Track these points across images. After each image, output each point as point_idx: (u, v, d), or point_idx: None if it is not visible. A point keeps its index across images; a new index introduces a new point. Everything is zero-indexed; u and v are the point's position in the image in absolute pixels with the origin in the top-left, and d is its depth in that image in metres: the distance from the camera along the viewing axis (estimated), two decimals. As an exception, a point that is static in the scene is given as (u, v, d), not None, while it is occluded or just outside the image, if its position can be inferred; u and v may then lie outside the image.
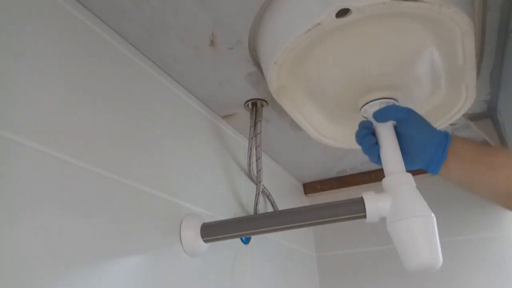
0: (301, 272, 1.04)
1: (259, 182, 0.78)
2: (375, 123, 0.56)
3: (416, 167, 0.56)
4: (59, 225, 0.39)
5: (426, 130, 0.54)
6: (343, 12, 0.42)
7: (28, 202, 0.36)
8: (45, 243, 0.37)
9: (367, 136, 0.57)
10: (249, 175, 0.84)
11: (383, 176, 0.53)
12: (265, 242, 0.84)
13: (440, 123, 0.67)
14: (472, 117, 0.86)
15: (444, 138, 0.54)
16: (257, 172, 0.78)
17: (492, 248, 0.96)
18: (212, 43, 0.56)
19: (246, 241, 0.76)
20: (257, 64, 0.61)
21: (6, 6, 0.39)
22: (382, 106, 0.56)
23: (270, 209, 0.91)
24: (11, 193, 0.35)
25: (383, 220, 0.51)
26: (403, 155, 0.55)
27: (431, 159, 0.54)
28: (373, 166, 1.13)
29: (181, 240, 0.57)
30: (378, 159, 0.58)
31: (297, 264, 1.02)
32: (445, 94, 0.60)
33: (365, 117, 0.58)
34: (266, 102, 0.73)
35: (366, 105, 0.58)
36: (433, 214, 0.48)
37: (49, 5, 0.44)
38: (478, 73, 0.64)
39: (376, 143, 0.57)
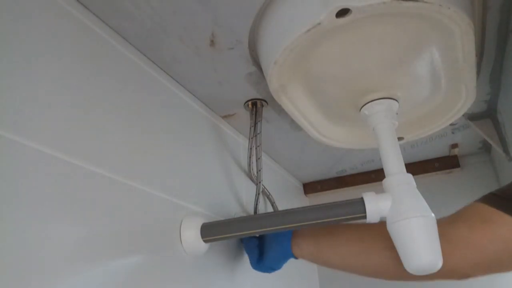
0: (301, 272, 1.04)
1: (259, 182, 0.78)
2: (374, 123, 0.56)
3: (276, 262, 0.67)
4: (59, 225, 0.39)
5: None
6: (343, 12, 0.42)
7: (28, 202, 0.36)
8: (45, 244, 0.37)
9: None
10: (249, 175, 0.84)
11: (383, 176, 0.52)
12: (265, 242, 0.84)
13: (440, 123, 0.67)
14: (472, 117, 0.86)
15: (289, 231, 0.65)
16: (257, 172, 0.78)
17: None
18: (212, 43, 0.56)
19: (246, 241, 0.76)
20: (257, 64, 0.61)
21: (6, 6, 0.39)
22: (382, 106, 0.56)
23: (270, 209, 0.91)
24: (11, 193, 0.35)
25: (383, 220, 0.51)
26: (265, 258, 0.66)
27: (282, 242, 0.64)
28: (373, 166, 1.13)
29: (181, 240, 0.57)
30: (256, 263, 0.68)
31: (297, 264, 1.02)
32: (445, 94, 0.60)
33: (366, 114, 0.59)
34: (266, 102, 0.73)
35: (367, 105, 0.58)
36: (433, 214, 0.48)
37: (49, 5, 0.44)
38: (478, 73, 0.64)
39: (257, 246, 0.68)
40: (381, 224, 0.50)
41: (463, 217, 0.53)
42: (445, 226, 0.52)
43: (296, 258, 0.66)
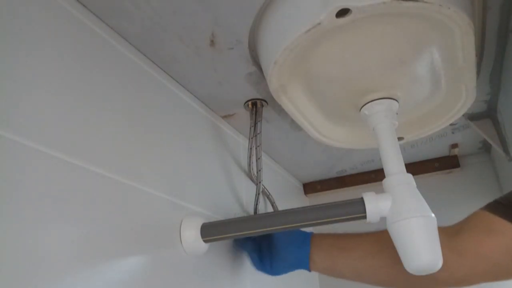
0: (300, 272, 1.04)
1: (259, 182, 0.78)
2: (374, 123, 0.56)
3: (287, 269, 0.67)
4: (59, 226, 0.39)
5: (289, 232, 0.64)
6: (343, 12, 0.42)
7: (28, 202, 0.36)
8: (45, 244, 0.37)
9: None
10: (249, 175, 0.84)
11: (383, 176, 0.52)
12: (265, 242, 0.84)
13: (440, 123, 0.67)
14: (472, 117, 0.86)
15: (307, 235, 0.65)
16: (257, 172, 0.78)
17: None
18: (212, 43, 0.56)
19: (246, 241, 0.76)
20: (257, 64, 0.61)
21: (5, 6, 0.39)
22: (382, 106, 0.56)
23: (270, 209, 0.91)
24: (11, 193, 0.35)
25: (383, 220, 0.51)
26: (273, 262, 0.66)
27: (298, 256, 0.64)
28: (373, 166, 1.13)
29: (181, 240, 0.57)
30: (258, 263, 0.68)
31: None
32: (445, 94, 0.60)
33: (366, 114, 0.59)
34: (266, 102, 0.73)
35: (366, 105, 0.58)
36: (433, 214, 0.48)
37: (48, 5, 0.44)
38: (478, 73, 0.64)
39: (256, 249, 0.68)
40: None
41: (468, 227, 0.54)
42: (452, 238, 0.53)
43: (309, 271, 0.66)
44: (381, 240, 0.60)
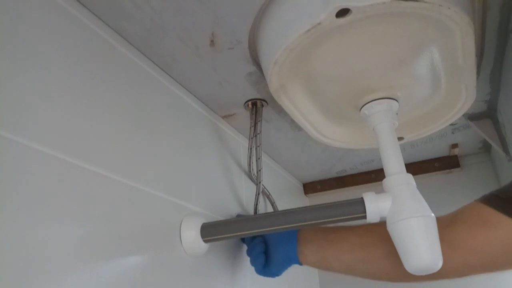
0: (300, 272, 1.04)
1: (259, 182, 0.78)
2: (374, 123, 0.57)
3: (281, 267, 0.66)
4: (59, 226, 0.39)
5: (279, 232, 0.64)
6: (343, 12, 0.42)
7: (28, 202, 0.36)
8: (45, 244, 0.37)
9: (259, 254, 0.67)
10: (249, 175, 0.84)
11: (383, 176, 0.53)
12: (265, 242, 0.84)
13: (440, 123, 0.67)
14: (472, 117, 0.86)
15: (293, 231, 0.65)
16: (257, 172, 0.78)
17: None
18: (212, 43, 0.56)
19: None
20: (257, 64, 0.61)
21: (5, 6, 0.39)
22: (382, 106, 0.56)
23: (270, 209, 0.91)
24: (11, 193, 0.35)
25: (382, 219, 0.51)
26: (270, 263, 0.66)
27: (287, 252, 0.64)
28: (373, 166, 1.13)
29: (181, 240, 0.57)
30: (262, 269, 0.67)
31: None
32: (445, 94, 0.60)
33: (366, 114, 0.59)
34: (266, 102, 0.73)
35: (367, 105, 0.58)
36: (433, 214, 0.48)
37: (48, 5, 0.44)
38: (478, 73, 0.64)
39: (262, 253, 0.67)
40: (382, 228, 0.50)
41: (462, 218, 0.53)
42: (445, 229, 0.52)
43: (301, 264, 0.66)
44: (372, 233, 0.59)
